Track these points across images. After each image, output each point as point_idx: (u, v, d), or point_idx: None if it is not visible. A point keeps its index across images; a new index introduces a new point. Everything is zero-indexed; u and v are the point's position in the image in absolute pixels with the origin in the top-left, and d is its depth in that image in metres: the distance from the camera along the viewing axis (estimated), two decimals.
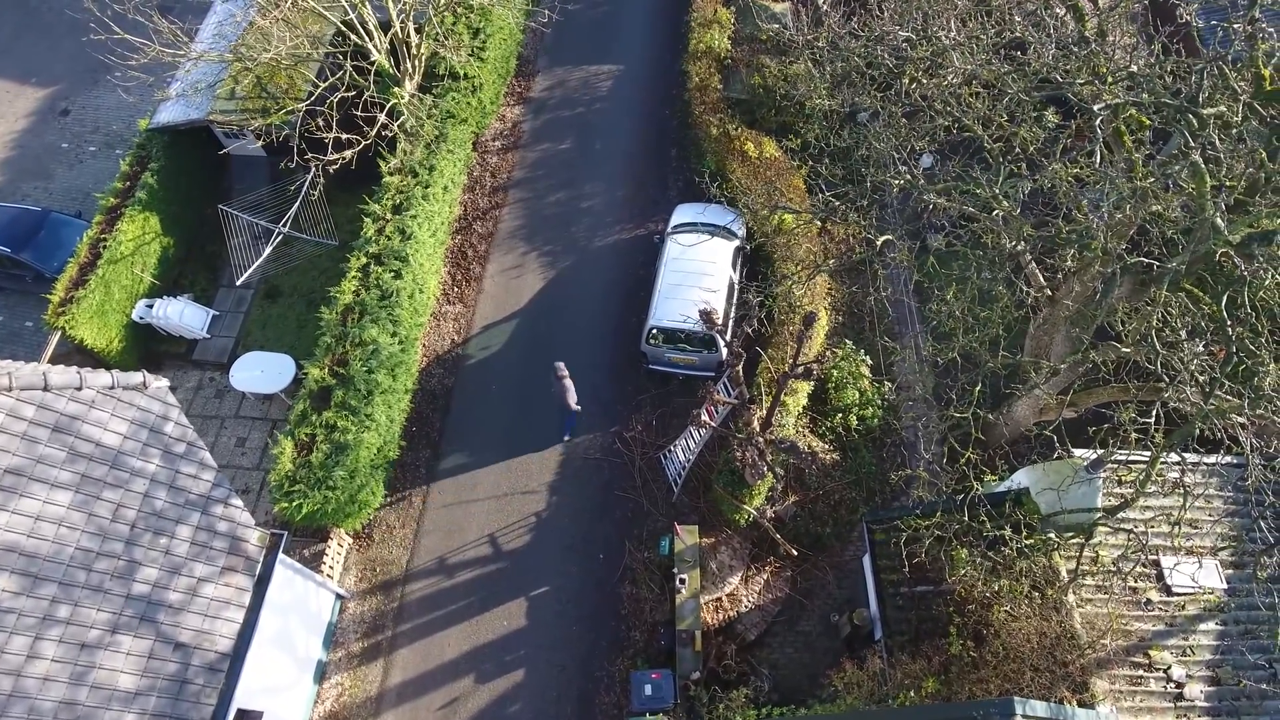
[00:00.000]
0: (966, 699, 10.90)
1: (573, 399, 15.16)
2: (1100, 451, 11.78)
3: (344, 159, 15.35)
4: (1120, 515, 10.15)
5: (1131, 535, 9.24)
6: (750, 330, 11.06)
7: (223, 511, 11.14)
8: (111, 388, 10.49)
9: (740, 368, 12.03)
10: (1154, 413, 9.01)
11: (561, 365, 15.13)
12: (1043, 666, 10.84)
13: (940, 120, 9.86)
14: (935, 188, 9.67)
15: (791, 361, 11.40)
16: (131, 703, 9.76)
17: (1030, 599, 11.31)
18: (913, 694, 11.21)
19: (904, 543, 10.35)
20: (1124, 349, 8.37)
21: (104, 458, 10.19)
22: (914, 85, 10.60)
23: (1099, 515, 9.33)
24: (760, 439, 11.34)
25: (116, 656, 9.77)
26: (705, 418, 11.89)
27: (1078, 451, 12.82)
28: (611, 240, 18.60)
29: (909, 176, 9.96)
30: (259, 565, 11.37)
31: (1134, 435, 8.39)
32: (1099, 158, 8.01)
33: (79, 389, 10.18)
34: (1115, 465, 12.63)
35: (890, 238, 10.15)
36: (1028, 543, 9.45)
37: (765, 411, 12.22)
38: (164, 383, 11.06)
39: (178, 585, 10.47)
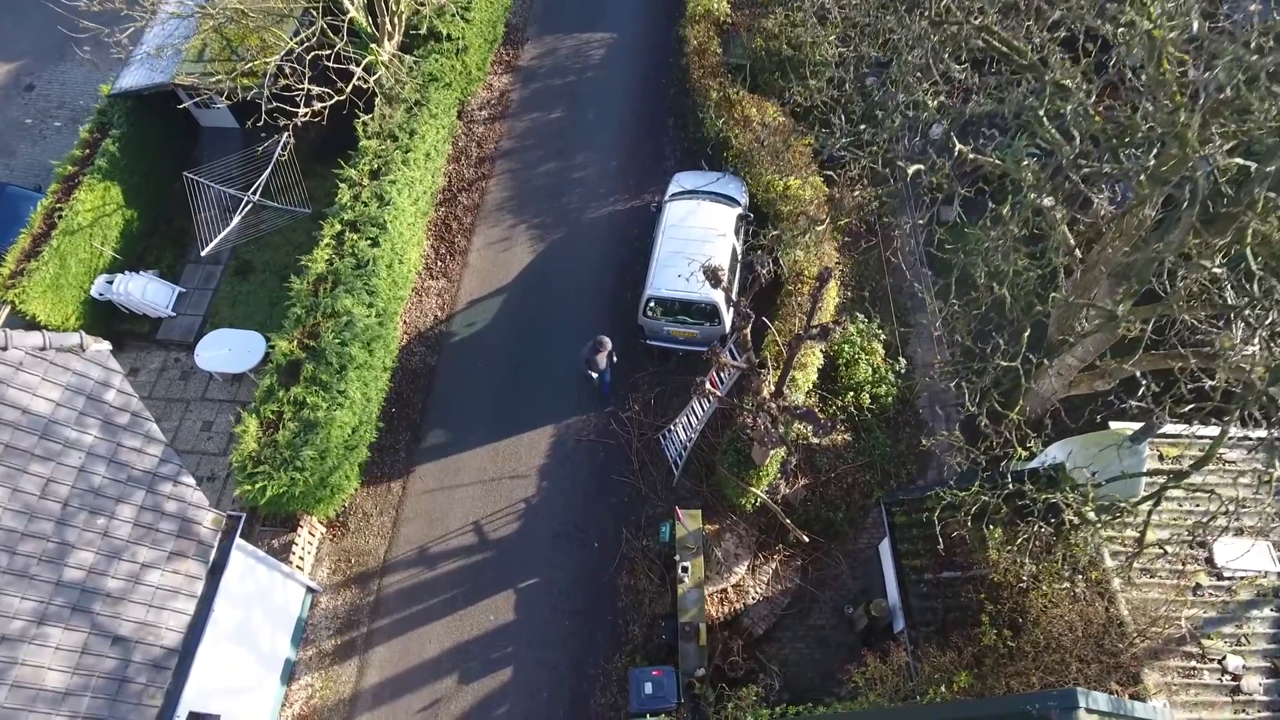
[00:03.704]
0: (1004, 694, 9.79)
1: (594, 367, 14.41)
2: (1142, 424, 10.74)
3: (313, 112, 14.20)
4: (1164, 494, 9.04)
5: (1214, 496, 8.07)
6: (765, 277, 9.93)
7: (171, 490, 9.95)
8: (43, 349, 9.32)
9: (748, 332, 10.91)
10: (1217, 378, 7.89)
11: (606, 340, 14.23)
12: (1090, 657, 9.73)
13: (969, 26, 8.65)
14: (984, 97, 8.53)
15: (806, 322, 10.28)
16: (61, 704, 8.56)
17: (1074, 583, 10.20)
18: (944, 689, 10.09)
19: (938, 516, 9.20)
20: (1216, 270, 7.14)
21: (32, 426, 9.00)
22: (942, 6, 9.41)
23: (1167, 481, 8.18)
24: (772, 405, 10.22)
25: (43, 651, 8.57)
26: (710, 386, 10.75)
27: (1114, 424, 11.82)
28: (605, 212, 17.49)
29: (942, 100, 8.88)
30: (213, 551, 10.18)
31: (1206, 404, 7.24)
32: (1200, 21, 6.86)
33: (4, 349, 9.01)
34: (1160, 439, 11.58)
35: (921, 167, 9.06)
36: (1089, 514, 8.28)
37: (777, 378, 11.09)
38: (105, 345, 9.88)
39: (117, 571, 9.27)
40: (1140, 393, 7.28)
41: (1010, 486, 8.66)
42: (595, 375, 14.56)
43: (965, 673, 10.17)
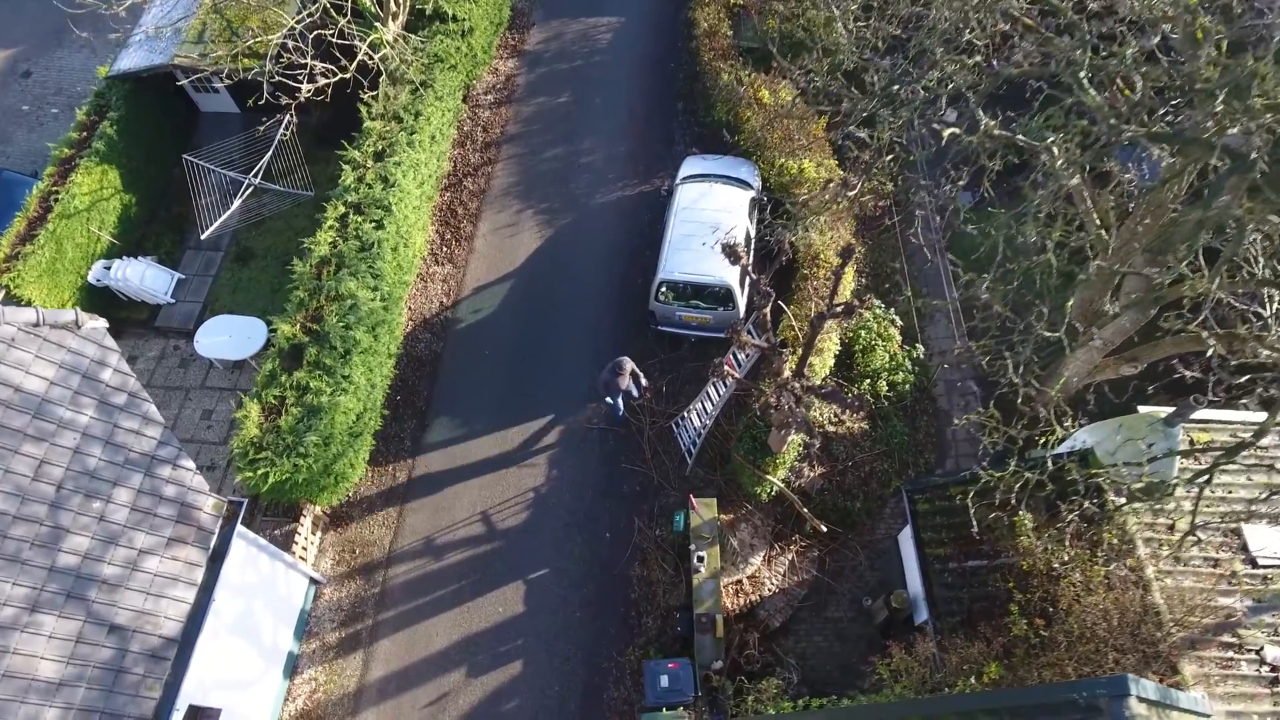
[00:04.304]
0: (1036, 684, 9.41)
1: (612, 391, 13.52)
2: (1179, 405, 10.37)
3: (317, 89, 13.83)
4: (1216, 471, 8.65)
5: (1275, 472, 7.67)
6: (787, 251, 9.57)
7: (170, 473, 9.56)
8: (36, 325, 8.93)
9: (768, 311, 10.53)
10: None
11: (626, 362, 13.36)
12: (1127, 647, 9.35)
13: None
14: (1030, 45, 8.10)
15: (828, 301, 9.91)
16: (54, 695, 8.16)
17: (1109, 570, 9.82)
18: (973, 680, 9.71)
19: (971, 499, 8.81)
20: None
21: (25, 405, 8.62)
22: None
23: (1220, 458, 7.80)
24: (795, 385, 9.84)
25: (36, 640, 8.18)
26: (728, 368, 10.37)
27: (1142, 408, 11.46)
28: (614, 197, 17.11)
29: (978, 60, 8.47)
30: (214, 537, 9.78)
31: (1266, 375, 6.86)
32: None
33: None
34: (1190, 424, 11.21)
35: (956, 130, 8.67)
36: (1136, 491, 7.89)
37: (798, 358, 10.71)
38: (101, 323, 9.50)
39: (114, 557, 8.88)
40: (1209, 353, 6.90)
41: (1050, 466, 8.27)
42: (611, 400, 13.81)
43: (995, 663, 9.80)
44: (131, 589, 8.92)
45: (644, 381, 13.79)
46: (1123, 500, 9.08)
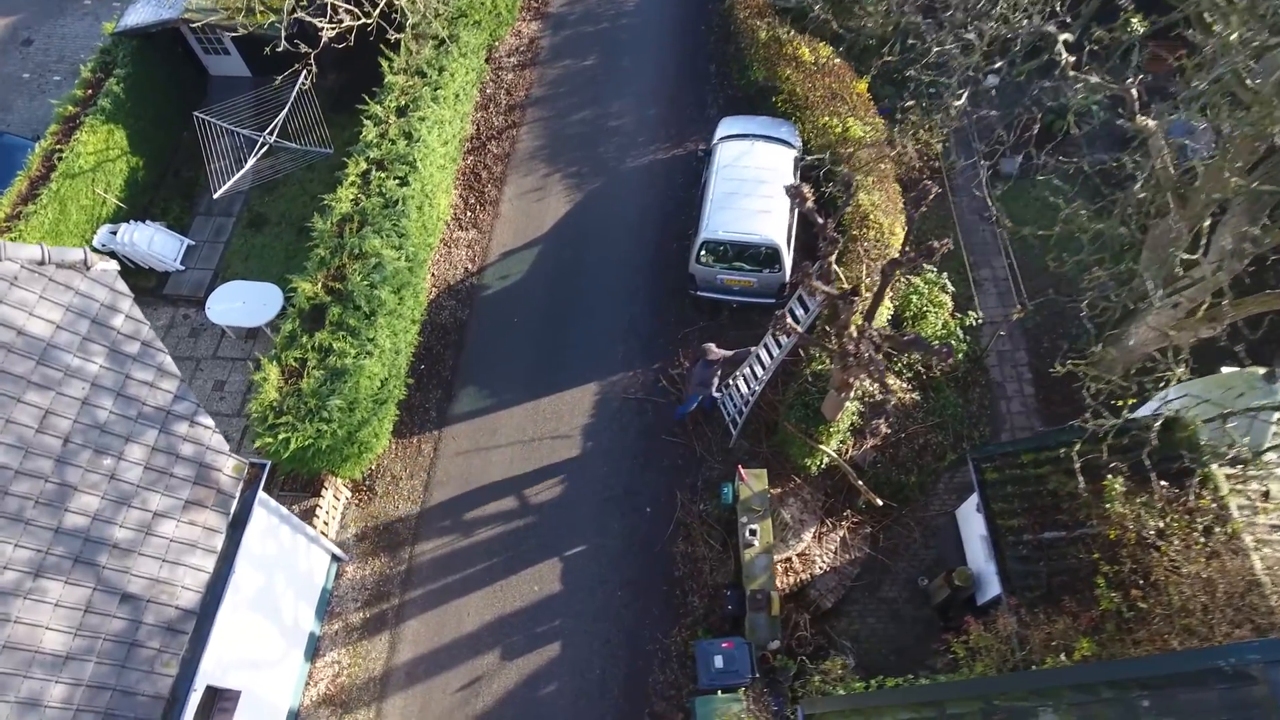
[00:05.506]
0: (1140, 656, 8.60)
1: (711, 386, 12.44)
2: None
3: (339, 32, 13.02)
4: None
5: None
6: (848, 208, 8.79)
7: (187, 431, 8.74)
8: (41, 263, 8.12)
9: (833, 260, 9.72)
10: None
11: (712, 347, 12.17)
12: (1238, 619, 8.54)
13: None
14: None
15: (903, 247, 9.09)
16: (61, 669, 7.35)
17: (1208, 538, 9.01)
18: (1063, 657, 8.90)
19: (1076, 452, 7.98)
20: None
21: (28, 350, 7.81)
22: None
23: None
24: (874, 333, 9.01)
25: (41, 608, 7.37)
26: (791, 321, 9.55)
27: (1225, 369, 10.69)
28: (645, 161, 16.29)
29: None
30: (234, 502, 8.96)
31: None
32: None
33: None
34: None
35: (1065, 42, 7.81)
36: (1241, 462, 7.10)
37: (866, 309, 9.89)
38: (112, 265, 8.68)
39: (126, 520, 8.07)
40: None
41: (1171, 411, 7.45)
42: (716, 395, 12.68)
43: (1086, 639, 8.99)
44: (145, 555, 8.11)
45: (760, 351, 12.42)
46: (1241, 462, 8.23)
